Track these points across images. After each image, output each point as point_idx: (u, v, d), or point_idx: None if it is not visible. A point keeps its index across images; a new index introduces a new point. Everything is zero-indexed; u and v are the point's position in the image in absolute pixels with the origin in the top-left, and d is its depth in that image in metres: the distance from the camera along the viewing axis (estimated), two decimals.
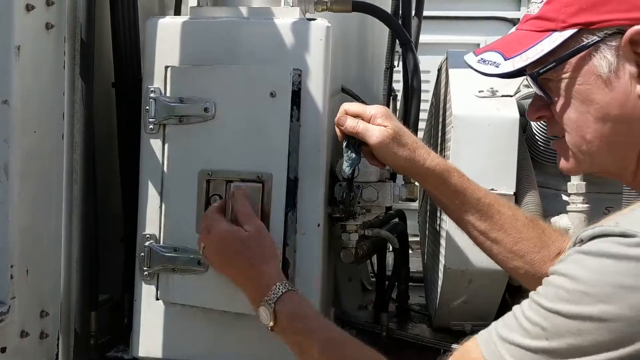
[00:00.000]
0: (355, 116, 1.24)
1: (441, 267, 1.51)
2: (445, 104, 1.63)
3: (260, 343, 1.38)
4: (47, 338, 1.24)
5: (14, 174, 1.10)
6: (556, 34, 0.89)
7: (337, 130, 1.26)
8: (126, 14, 1.51)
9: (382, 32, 2.08)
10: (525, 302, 0.78)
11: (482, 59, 0.98)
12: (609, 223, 0.73)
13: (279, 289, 1.09)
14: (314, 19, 1.39)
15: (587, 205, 1.43)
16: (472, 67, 0.99)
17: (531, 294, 0.77)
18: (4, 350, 1.13)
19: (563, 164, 0.98)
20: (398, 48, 1.98)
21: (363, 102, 1.64)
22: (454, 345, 1.57)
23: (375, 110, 1.23)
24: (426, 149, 1.24)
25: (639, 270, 0.68)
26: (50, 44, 1.24)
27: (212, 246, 1.17)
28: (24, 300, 1.17)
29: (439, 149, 1.77)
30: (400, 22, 1.83)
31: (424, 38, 2.39)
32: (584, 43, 0.87)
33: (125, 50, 1.50)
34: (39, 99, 1.22)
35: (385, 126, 1.21)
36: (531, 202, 1.46)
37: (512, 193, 1.45)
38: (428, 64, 2.27)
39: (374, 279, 2.33)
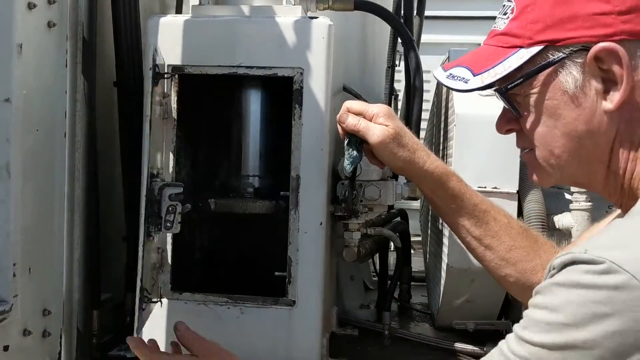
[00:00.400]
0: (358, 114, 1.23)
1: (444, 266, 1.51)
2: (447, 103, 1.62)
3: (264, 338, 1.38)
4: (49, 337, 1.24)
5: (15, 172, 1.10)
6: (523, 50, 0.90)
7: (338, 127, 1.26)
8: (127, 13, 1.51)
9: (383, 31, 2.08)
10: (510, 337, 0.79)
11: (451, 74, 0.99)
12: (578, 249, 0.74)
13: None
14: (316, 17, 1.39)
15: (590, 203, 1.43)
16: (441, 82, 1.01)
17: (515, 327, 0.79)
18: (6, 348, 1.13)
19: (534, 177, 1.00)
20: (399, 47, 1.98)
21: (365, 101, 1.64)
22: (456, 344, 1.58)
23: (377, 109, 1.23)
24: (426, 151, 1.23)
25: (610, 298, 0.69)
26: (52, 42, 1.24)
27: None
28: (26, 298, 1.17)
29: (440, 147, 1.76)
30: (402, 21, 1.83)
31: (425, 38, 2.39)
32: (550, 59, 0.88)
33: (127, 49, 1.50)
34: (41, 97, 1.22)
35: (386, 125, 1.21)
36: (534, 200, 1.46)
37: (515, 191, 1.45)
38: (429, 63, 2.26)
39: (375, 279, 2.33)
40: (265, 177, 1.57)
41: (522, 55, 0.90)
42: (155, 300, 1.32)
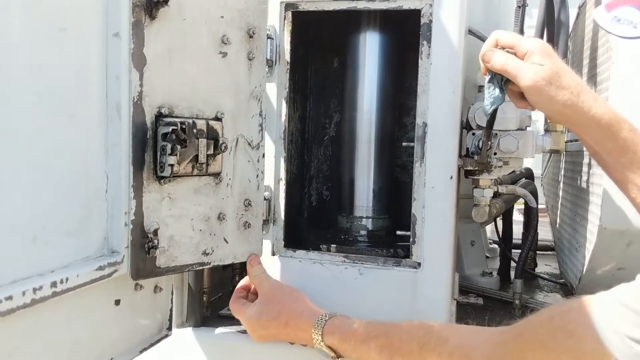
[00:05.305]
0: (509, 47, 1.04)
1: (592, 228, 1.31)
2: (595, 43, 1.40)
3: (385, 302, 1.26)
4: (160, 292, 1.16)
5: (126, 113, 1.01)
6: None
7: (481, 62, 1.08)
8: None
9: None
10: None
11: (616, 17, 0.85)
12: None
13: (318, 326, 1.10)
14: None
15: None
16: (604, 29, 0.87)
17: None
18: (117, 302, 1.05)
19: None
20: None
21: None
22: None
23: (532, 45, 1.02)
24: (592, 94, 1.01)
25: None
26: None
27: (250, 331, 1.21)
28: None
29: None
30: None
31: None
32: None
33: None
34: None
35: (541, 65, 1.01)
36: None
37: None
38: None
39: (491, 246, 2.15)
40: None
41: None
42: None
